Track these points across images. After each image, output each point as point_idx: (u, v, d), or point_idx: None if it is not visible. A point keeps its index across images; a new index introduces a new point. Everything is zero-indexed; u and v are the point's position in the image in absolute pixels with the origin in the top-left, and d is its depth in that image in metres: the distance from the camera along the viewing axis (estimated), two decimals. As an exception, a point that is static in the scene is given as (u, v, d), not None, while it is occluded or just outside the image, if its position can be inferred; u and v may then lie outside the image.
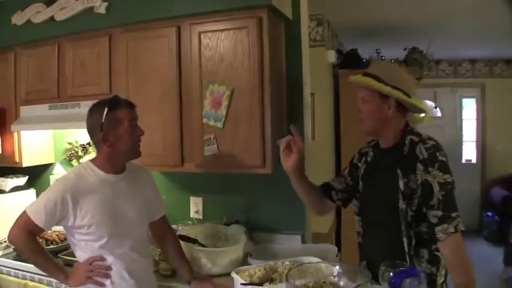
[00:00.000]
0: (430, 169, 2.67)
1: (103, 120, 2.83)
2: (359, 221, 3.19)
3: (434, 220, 2.65)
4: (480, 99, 10.96)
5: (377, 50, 7.49)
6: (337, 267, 2.84)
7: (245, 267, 3.28)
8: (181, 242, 3.54)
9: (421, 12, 6.44)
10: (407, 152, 2.81)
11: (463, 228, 2.62)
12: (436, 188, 2.65)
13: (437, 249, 2.77)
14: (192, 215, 4.48)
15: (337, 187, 3.32)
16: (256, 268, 3.17)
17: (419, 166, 2.71)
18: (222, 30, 3.72)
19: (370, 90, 2.89)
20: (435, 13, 6.47)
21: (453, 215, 2.62)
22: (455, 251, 2.66)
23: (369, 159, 3.16)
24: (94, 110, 2.91)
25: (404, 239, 2.77)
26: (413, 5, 6.06)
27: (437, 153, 2.71)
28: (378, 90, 2.85)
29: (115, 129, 2.87)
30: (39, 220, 2.77)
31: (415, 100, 2.88)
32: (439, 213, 2.63)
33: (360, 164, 3.22)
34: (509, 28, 7.11)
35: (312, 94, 4.72)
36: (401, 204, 2.76)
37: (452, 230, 2.60)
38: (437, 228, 2.64)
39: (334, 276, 2.80)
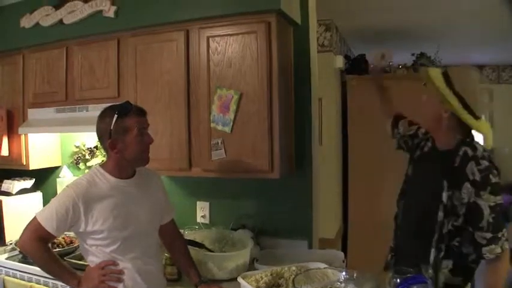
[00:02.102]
0: (481, 193, 2.68)
1: (112, 127, 2.82)
2: (398, 201, 3.29)
3: (483, 241, 2.69)
4: (487, 105, 10.91)
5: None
6: (344, 273, 2.85)
7: (251, 272, 3.29)
8: (188, 246, 3.54)
9: (429, 18, 6.44)
10: (458, 165, 2.79)
11: (507, 246, 2.67)
12: (487, 211, 2.67)
13: (472, 262, 2.83)
14: (199, 219, 4.48)
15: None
16: (263, 273, 3.18)
17: (468, 186, 2.71)
18: (230, 35, 3.71)
19: (434, 88, 2.88)
20: (443, 19, 6.47)
21: (499, 235, 2.68)
22: (505, 266, 2.72)
23: (425, 149, 3.18)
24: (104, 116, 2.90)
25: (432, 250, 2.81)
26: (421, 10, 6.05)
27: (491, 176, 2.70)
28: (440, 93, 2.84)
29: (123, 137, 2.85)
30: (50, 226, 2.75)
31: (470, 119, 2.82)
32: (489, 235, 2.68)
33: (422, 143, 3.26)
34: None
35: (320, 99, 4.72)
36: (440, 216, 2.78)
37: (499, 250, 2.68)
38: (485, 249, 2.68)
39: (341, 282, 2.80)
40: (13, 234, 4.34)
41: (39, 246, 2.80)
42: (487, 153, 2.81)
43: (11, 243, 4.37)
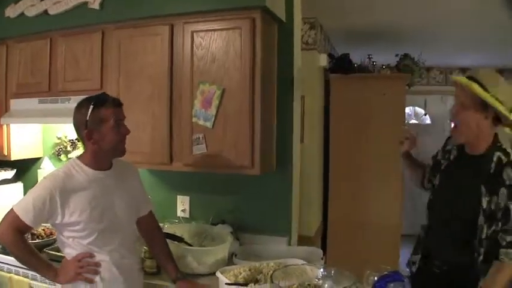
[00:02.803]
0: None
1: (88, 118, 2.84)
2: (428, 214, 3.30)
3: (503, 243, 2.79)
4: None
5: (369, 55, 7.50)
6: (322, 270, 2.87)
7: (230, 267, 3.30)
8: (167, 240, 3.55)
9: (414, 19, 6.46)
10: (493, 171, 2.87)
11: None
12: None
13: None
14: (179, 213, 4.48)
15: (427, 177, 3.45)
16: (241, 268, 3.19)
17: (504, 191, 2.80)
18: (214, 30, 3.72)
19: (472, 96, 2.85)
20: (427, 21, 6.49)
21: None
22: (499, 277, 2.81)
23: (451, 157, 3.21)
24: (80, 107, 2.92)
25: (476, 255, 2.88)
26: (406, 11, 6.07)
27: None
28: (481, 99, 2.83)
29: (99, 127, 2.87)
30: (27, 218, 2.76)
31: None
32: (510, 238, 2.78)
33: (442, 161, 3.29)
34: (501, 37, 7.14)
35: (303, 97, 4.73)
36: (481, 221, 2.84)
37: None
38: (502, 251, 2.78)
39: (319, 279, 2.82)
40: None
41: (16, 237, 2.80)
42: None
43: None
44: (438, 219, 3.20)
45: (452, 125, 3.05)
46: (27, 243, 2.94)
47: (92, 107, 2.84)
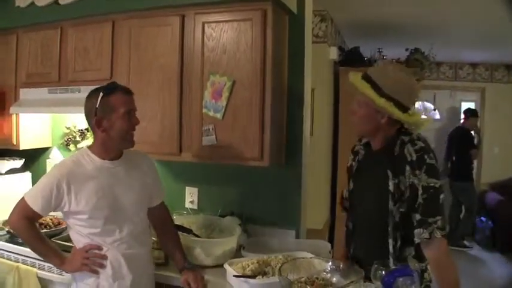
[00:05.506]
0: (417, 172, 2.70)
1: (97, 106, 2.87)
2: (347, 219, 3.25)
3: (415, 223, 2.69)
4: (479, 103, 10.94)
5: (379, 49, 7.50)
6: (330, 263, 2.86)
7: (238, 259, 3.30)
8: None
9: (425, 14, 6.44)
10: (397, 153, 2.81)
11: (438, 235, 2.64)
12: (420, 191, 2.69)
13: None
14: (187, 205, 4.48)
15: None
16: (249, 261, 3.19)
17: (407, 168, 2.73)
18: (226, 21, 3.70)
19: (365, 97, 2.85)
20: (439, 15, 6.47)
21: (430, 220, 2.66)
22: (435, 256, 2.72)
23: (359, 157, 3.17)
24: (91, 96, 2.96)
25: (390, 240, 2.79)
26: (417, 5, 6.05)
27: (426, 156, 2.73)
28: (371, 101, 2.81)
29: (109, 115, 2.89)
30: (36, 205, 2.85)
31: (408, 117, 2.82)
32: (418, 216, 2.68)
33: (353, 163, 3.22)
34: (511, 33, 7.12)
35: (312, 90, 4.72)
36: (391, 206, 2.77)
37: (426, 236, 2.65)
38: (415, 231, 2.69)
39: (327, 272, 2.81)
40: (1, 213, 4.31)
41: (26, 224, 2.91)
42: (422, 136, 2.86)
43: (-3, 222, 4.35)
44: (357, 221, 3.16)
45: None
46: (37, 230, 3.07)
47: (101, 94, 2.88)
